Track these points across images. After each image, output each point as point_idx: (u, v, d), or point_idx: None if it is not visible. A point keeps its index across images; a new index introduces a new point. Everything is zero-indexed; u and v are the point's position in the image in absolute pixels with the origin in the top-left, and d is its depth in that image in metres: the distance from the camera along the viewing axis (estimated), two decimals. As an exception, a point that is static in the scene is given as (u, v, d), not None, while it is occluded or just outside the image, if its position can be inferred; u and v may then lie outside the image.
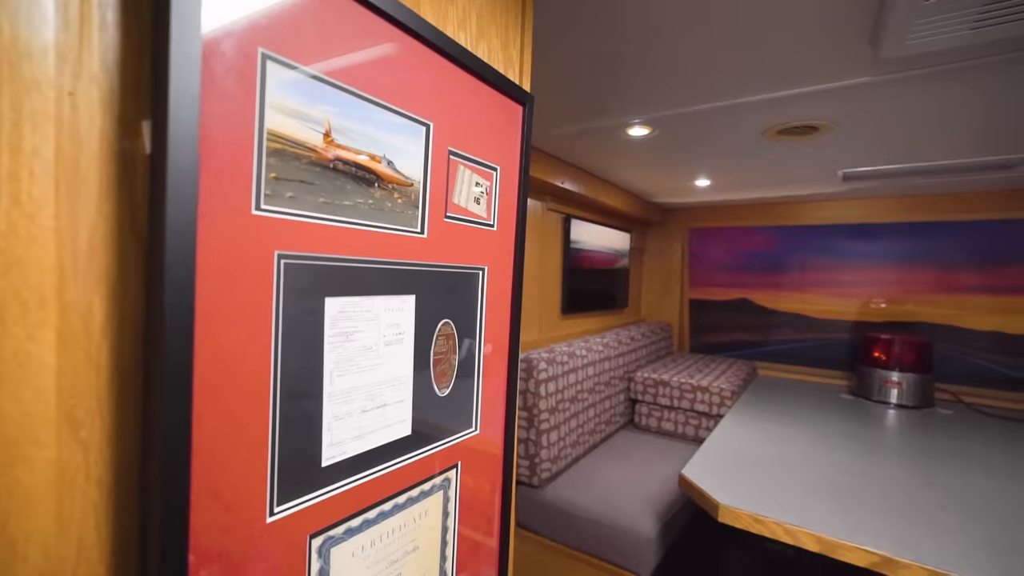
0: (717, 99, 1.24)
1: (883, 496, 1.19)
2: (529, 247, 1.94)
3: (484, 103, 0.62)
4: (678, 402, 2.15)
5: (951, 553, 0.95)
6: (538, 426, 1.66)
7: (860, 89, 1.14)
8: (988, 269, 2.21)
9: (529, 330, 1.95)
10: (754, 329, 2.75)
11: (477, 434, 0.65)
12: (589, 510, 1.58)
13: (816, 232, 2.58)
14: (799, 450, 1.47)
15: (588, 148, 1.71)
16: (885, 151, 1.61)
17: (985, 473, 1.35)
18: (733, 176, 2.02)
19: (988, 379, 2.21)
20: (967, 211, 2.22)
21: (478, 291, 0.63)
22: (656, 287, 3.05)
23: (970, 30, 0.84)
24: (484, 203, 0.63)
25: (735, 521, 1.12)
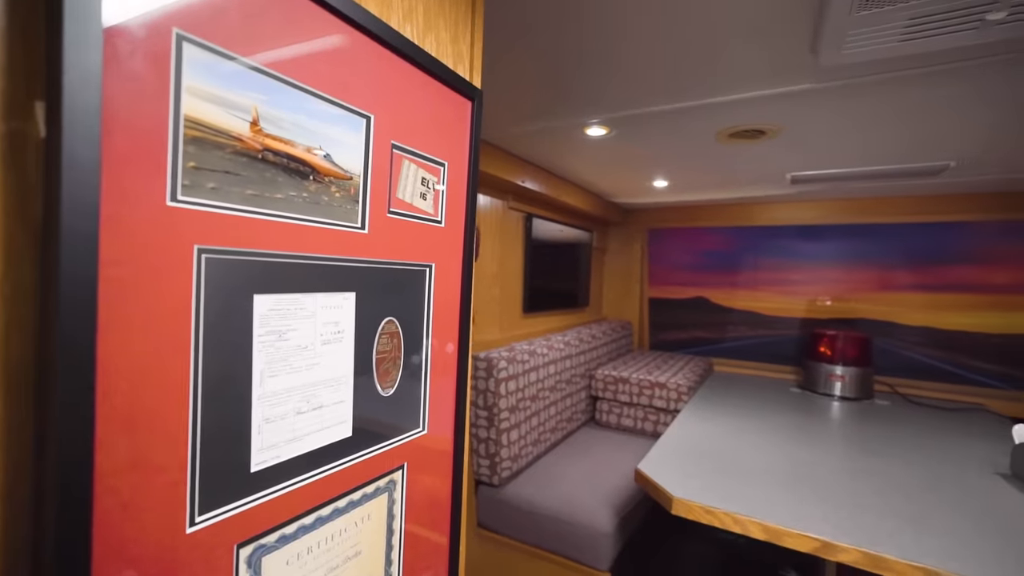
0: (671, 101, 1.26)
1: (825, 484, 1.25)
2: (490, 246, 1.94)
3: (430, 97, 0.61)
4: (637, 398, 2.20)
5: (882, 534, 1.01)
6: (498, 425, 1.66)
7: (804, 95, 1.19)
8: (920, 268, 2.37)
9: (490, 329, 1.95)
10: (711, 327, 2.84)
11: (425, 434, 0.64)
12: (549, 507, 1.59)
13: (768, 233, 2.69)
14: (750, 442, 1.53)
15: (548, 147, 1.72)
16: (829, 155, 1.69)
17: (916, 458, 1.43)
18: (689, 177, 2.08)
19: (920, 371, 2.36)
20: (903, 214, 2.36)
21: (425, 289, 0.62)
22: (617, 286, 3.10)
23: (897, 42, 0.89)
24: (431, 199, 0.62)
25: (688, 513, 1.15)
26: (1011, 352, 2.22)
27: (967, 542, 0.99)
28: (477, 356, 1.69)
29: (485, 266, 1.91)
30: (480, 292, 1.89)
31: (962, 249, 2.29)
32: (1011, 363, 2.22)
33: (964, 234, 2.28)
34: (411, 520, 0.62)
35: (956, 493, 1.21)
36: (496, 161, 1.73)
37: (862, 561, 0.97)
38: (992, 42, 0.89)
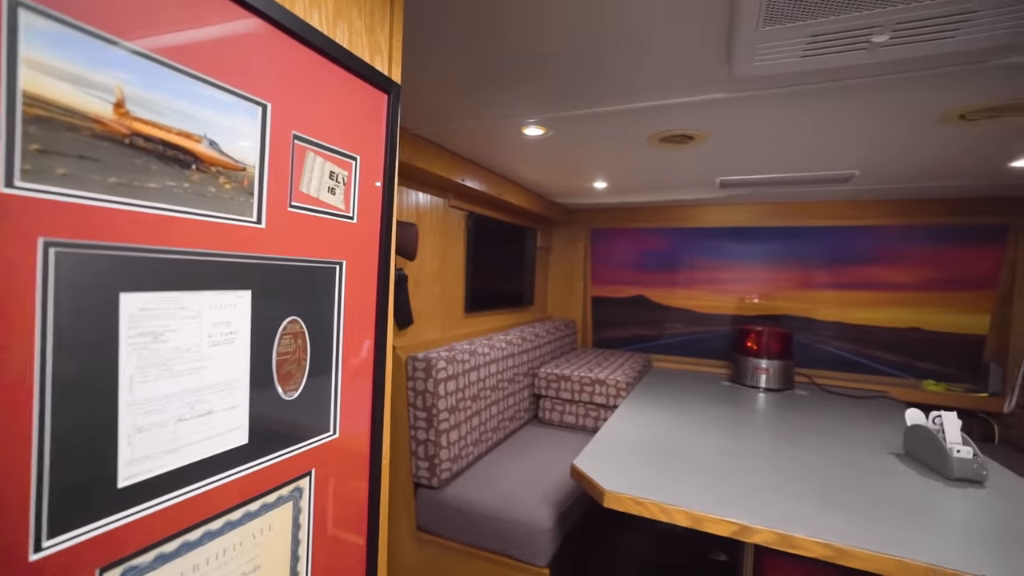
0: (601, 104, 1.29)
1: (748, 470, 1.32)
2: (430, 244, 1.91)
3: (339, 88, 0.59)
4: (578, 395, 2.24)
5: (794, 514, 1.08)
6: (437, 426, 1.64)
7: (724, 103, 1.25)
8: (834, 268, 2.56)
9: (430, 329, 1.92)
10: (650, 324, 2.95)
11: (336, 438, 0.61)
12: (489, 507, 1.59)
13: (702, 234, 2.82)
14: (682, 435, 1.59)
15: (489, 146, 1.72)
16: (752, 161, 1.80)
17: (826, 443, 1.55)
18: (627, 179, 2.14)
19: (834, 362, 2.56)
20: (820, 218, 2.55)
21: (335, 287, 0.60)
22: (561, 285, 3.15)
23: (799, 57, 0.95)
24: (341, 194, 0.60)
25: (618, 505, 1.18)
26: (909, 344, 2.45)
27: (865, 515, 1.08)
28: (415, 357, 1.66)
29: (425, 265, 1.88)
30: (420, 291, 1.85)
31: (869, 251, 2.50)
32: (909, 354, 2.45)
33: (871, 237, 2.49)
34: (321, 529, 0.59)
35: (858, 473, 1.32)
36: (435, 159, 1.70)
37: (775, 541, 1.03)
38: (880, 62, 0.97)
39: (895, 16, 0.82)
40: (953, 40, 0.86)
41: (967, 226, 2.33)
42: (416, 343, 1.78)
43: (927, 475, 1.34)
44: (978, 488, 1.26)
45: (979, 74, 1.04)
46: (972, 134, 1.41)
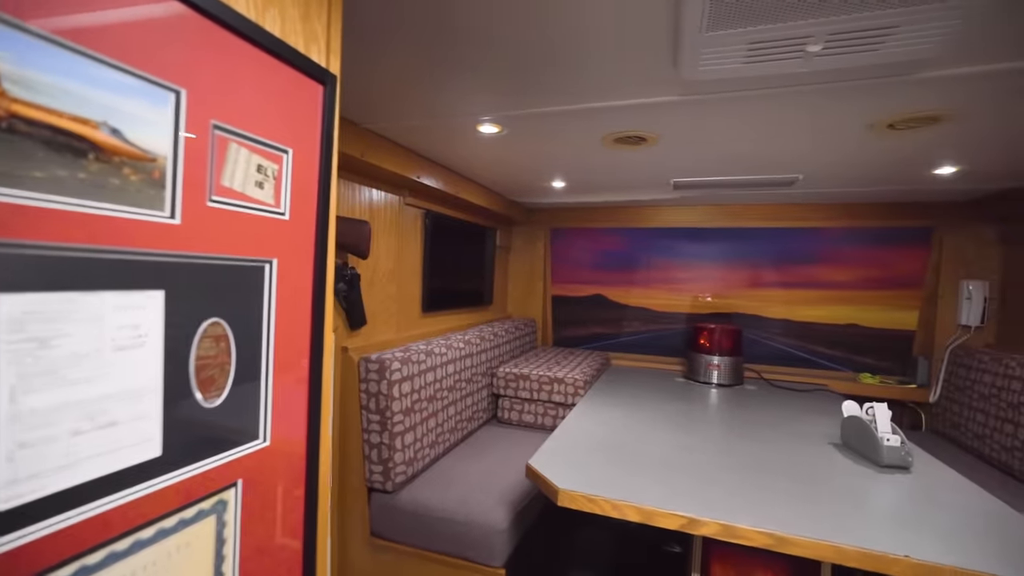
0: (556, 103, 1.30)
1: (697, 464, 1.36)
2: (385, 243, 1.86)
3: (269, 78, 0.55)
4: (537, 394, 2.25)
5: (739, 505, 1.12)
6: (391, 429, 1.60)
7: (673, 106, 1.28)
8: (781, 268, 2.68)
9: (385, 330, 1.87)
10: (608, 323, 2.99)
11: (267, 445, 0.58)
12: (445, 509, 1.57)
13: (659, 234, 2.89)
14: (637, 431, 1.62)
15: (444, 143, 1.69)
16: (703, 164, 1.85)
17: (771, 436, 1.61)
18: (584, 179, 2.17)
19: (780, 358, 2.68)
20: (769, 219, 2.66)
21: (264, 287, 0.57)
22: (521, 284, 3.15)
23: (742, 63, 0.98)
24: (271, 188, 0.57)
25: (572, 503, 1.19)
26: (848, 339, 2.60)
27: (805, 503, 1.13)
28: (369, 358, 1.61)
29: (379, 264, 1.84)
30: (374, 291, 1.81)
31: (813, 251, 2.63)
32: (848, 349, 2.60)
33: (814, 239, 2.62)
34: (250, 543, 0.56)
35: (799, 463, 1.38)
36: (389, 155, 1.66)
37: (720, 532, 1.06)
38: (815, 71, 1.01)
39: (827, 27, 0.85)
40: (878, 53, 0.91)
41: (898, 229, 2.48)
42: (370, 344, 1.74)
43: (861, 463, 1.41)
44: (905, 473, 1.35)
45: (903, 86, 1.10)
46: (899, 143, 1.50)
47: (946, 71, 1.03)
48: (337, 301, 1.62)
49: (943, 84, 1.09)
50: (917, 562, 0.93)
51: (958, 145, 1.51)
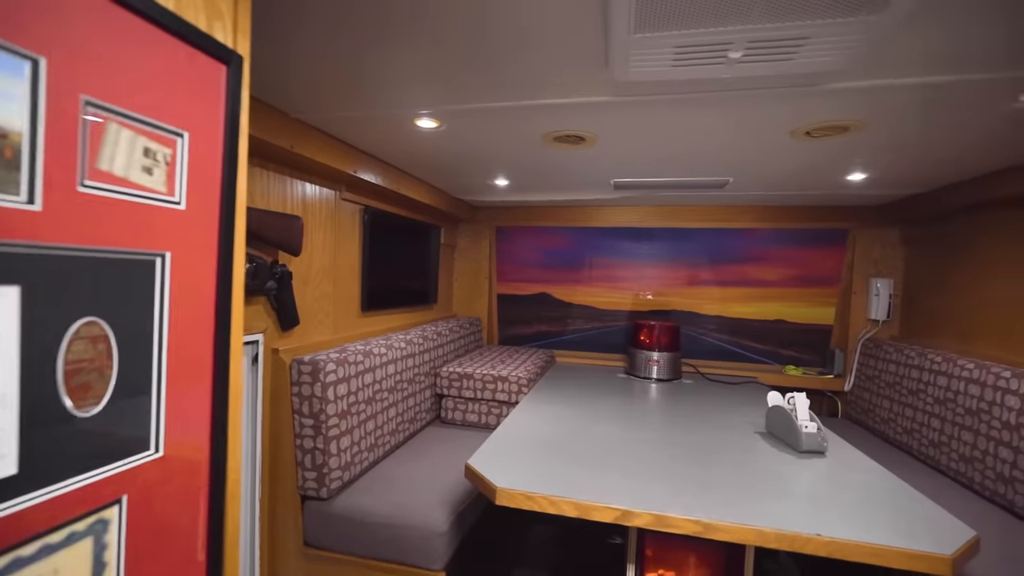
0: (494, 99, 1.28)
1: (634, 457, 1.39)
2: (320, 239, 1.78)
3: (158, 53, 0.50)
4: (481, 393, 2.23)
5: (671, 496, 1.15)
6: (326, 433, 1.53)
7: (609, 107, 1.30)
8: (716, 267, 2.82)
9: (320, 330, 1.79)
10: (553, 321, 3.03)
11: (159, 456, 0.53)
12: (383, 514, 1.52)
13: (602, 234, 2.95)
14: (578, 427, 1.64)
15: (382, 137, 1.64)
16: (641, 165, 1.90)
17: (705, 427, 1.69)
18: (526, 177, 2.17)
19: (715, 353, 2.82)
20: (704, 220, 2.78)
21: (154, 283, 0.52)
22: (467, 282, 3.13)
23: (670, 67, 1.01)
24: (162, 174, 0.51)
25: (510, 502, 1.18)
26: (775, 334, 2.77)
27: (731, 491, 1.18)
28: (301, 360, 1.54)
29: (314, 261, 1.75)
30: (308, 290, 1.73)
31: (744, 251, 2.78)
32: (775, 343, 2.77)
33: (746, 239, 2.77)
34: (138, 565, 0.51)
35: (728, 452, 1.45)
36: (322, 147, 1.59)
37: (653, 522, 1.09)
38: (737, 77, 1.06)
39: (746, 35, 0.89)
40: (792, 62, 0.97)
41: (818, 231, 2.67)
42: (303, 345, 1.66)
43: (783, 449, 1.50)
44: (821, 458, 1.44)
45: (816, 96, 1.18)
46: (816, 150, 1.61)
47: (853, 83, 1.11)
48: (268, 300, 1.53)
49: (851, 96, 1.17)
50: (828, 539, 0.99)
51: (866, 154, 1.64)
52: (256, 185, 1.48)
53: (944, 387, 1.89)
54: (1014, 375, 1.60)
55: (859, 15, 0.81)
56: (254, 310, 1.48)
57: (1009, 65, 0.99)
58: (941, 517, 1.09)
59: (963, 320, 2.09)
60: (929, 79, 1.06)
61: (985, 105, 1.19)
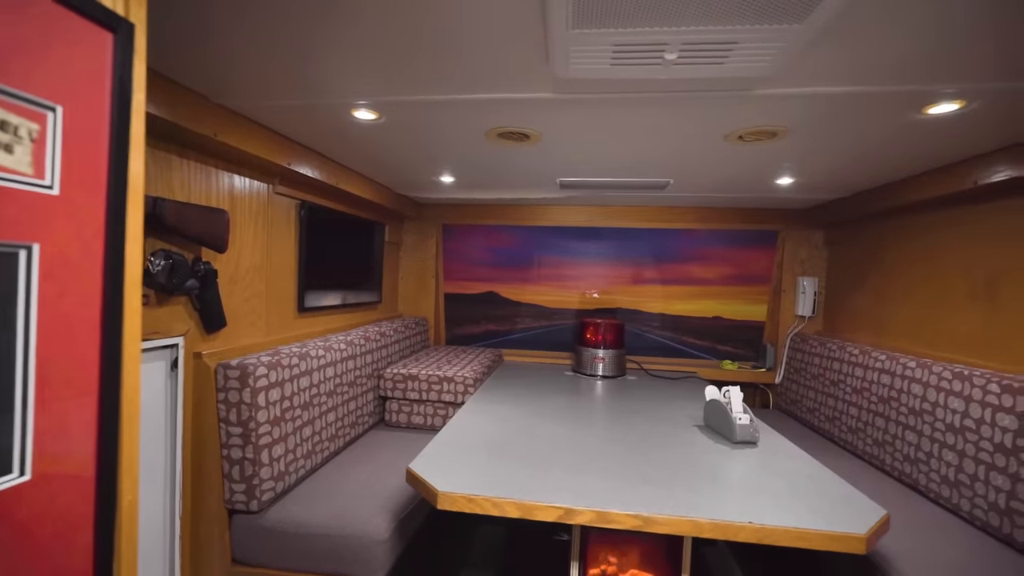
0: (435, 92, 1.24)
1: (578, 454, 1.39)
2: (250, 235, 1.67)
3: (18, 14, 0.43)
4: (426, 395, 2.18)
5: (611, 491, 1.16)
6: (256, 442, 1.43)
7: (551, 104, 1.29)
8: (659, 266, 2.91)
9: (251, 332, 1.68)
10: (501, 320, 3.02)
11: (25, 480, 0.46)
12: (321, 524, 1.44)
13: (549, 232, 2.97)
14: (524, 425, 1.63)
15: (319, 128, 1.56)
16: (586, 164, 1.92)
17: (648, 422, 1.72)
18: (471, 174, 2.14)
19: (657, 349, 2.91)
20: (647, 220, 2.86)
21: (17, 278, 0.44)
22: (413, 281, 3.06)
23: (609, 65, 1.01)
24: (25, 153, 0.44)
25: (452, 505, 1.15)
26: (713, 331, 2.89)
27: (669, 483, 1.21)
28: (228, 364, 1.43)
29: (243, 258, 1.64)
30: (237, 289, 1.61)
31: (685, 251, 2.88)
32: (713, 339, 2.89)
33: (686, 239, 2.88)
34: (-2, 606, 0.44)
35: (667, 446, 1.48)
36: (251, 137, 1.49)
37: (595, 519, 1.09)
38: (673, 79, 1.08)
39: (680, 37, 0.91)
40: (723, 66, 1.00)
41: (752, 232, 2.81)
42: (232, 348, 1.55)
43: (719, 441, 1.56)
44: (753, 448, 1.51)
45: (747, 101, 1.23)
46: (749, 154, 1.68)
47: (779, 90, 1.16)
48: (190, 300, 1.41)
49: (778, 102, 1.23)
50: (758, 527, 1.03)
51: (792, 159, 1.74)
52: (174, 175, 1.36)
53: (860, 378, 2.04)
54: (919, 365, 1.74)
55: (782, 23, 0.84)
56: (173, 311, 1.36)
57: (913, 79, 1.07)
58: (857, 499, 1.16)
59: (877, 316, 2.27)
60: (844, 89, 1.13)
61: (892, 116, 1.29)
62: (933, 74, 1.05)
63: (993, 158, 1.54)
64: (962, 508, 1.51)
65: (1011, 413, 1.37)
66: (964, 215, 1.80)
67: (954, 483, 1.54)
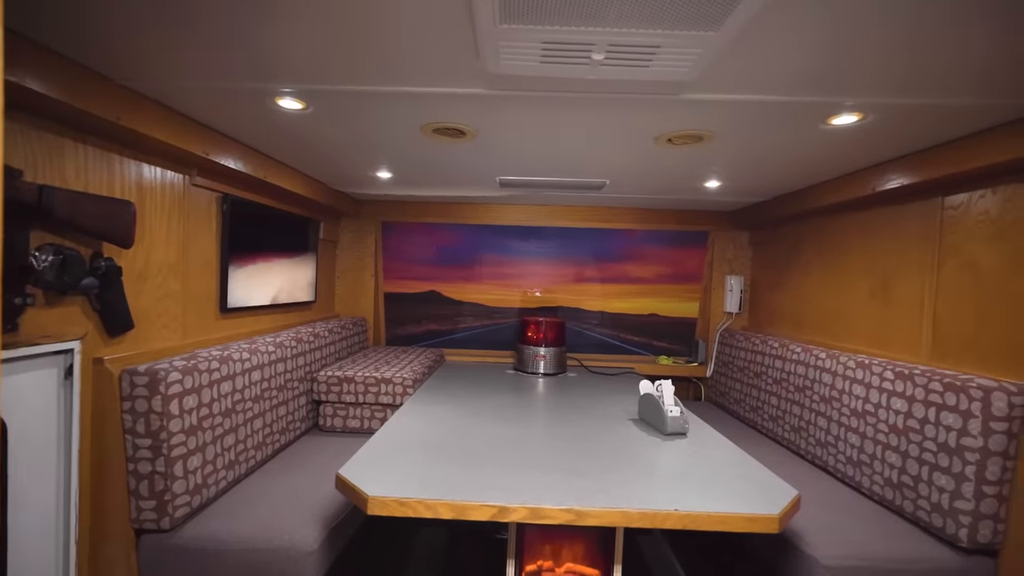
0: (365, 82, 1.20)
1: (515, 451, 1.39)
2: (163, 230, 1.54)
3: None
4: (363, 397, 2.11)
5: (545, 487, 1.17)
6: (168, 454, 1.32)
7: (484, 100, 1.28)
8: (599, 265, 2.98)
9: (165, 335, 1.55)
10: (443, 319, 2.98)
11: None
12: (242, 538, 1.35)
13: (492, 231, 2.97)
14: (460, 425, 1.61)
15: (239, 116, 1.46)
16: (524, 163, 1.93)
17: (585, 417, 1.76)
18: (409, 170, 2.09)
19: (597, 346, 2.99)
20: (587, 220, 2.92)
21: None
22: (350, 280, 2.95)
23: (539, 63, 1.02)
24: None
25: (383, 510, 1.11)
26: (649, 327, 3.00)
27: (602, 477, 1.23)
28: (135, 370, 1.31)
29: (155, 255, 1.51)
30: (147, 288, 1.48)
31: (623, 250, 2.97)
32: (650, 335, 3.00)
33: (625, 239, 2.97)
34: None
35: (603, 440, 1.51)
36: (161, 123, 1.37)
37: (529, 516, 1.09)
38: (602, 80, 1.11)
39: (606, 38, 0.92)
40: (648, 70, 1.03)
41: (685, 232, 2.95)
42: (141, 353, 1.42)
43: (651, 433, 1.62)
44: (683, 439, 1.58)
45: (674, 105, 1.27)
46: (678, 156, 1.76)
47: (703, 95, 1.21)
48: (88, 301, 1.28)
49: (702, 107, 1.29)
50: (683, 513, 1.08)
51: (718, 163, 1.84)
52: (68, 162, 1.22)
53: (780, 369, 2.19)
54: (828, 356, 1.89)
55: (699, 30, 0.88)
56: (66, 312, 1.23)
57: (817, 92, 1.16)
58: (774, 482, 1.24)
59: (795, 311, 2.45)
60: (759, 97, 1.21)
61: (801, 125, 1.39)
62: (834, 88, 1.14)
63: (888, 167, 1.71)
64: (863, 485, 1.65)
65: (902, 397, 1.52)
66: (866, 219, 1.97)
67: (857, 463, 1.69)
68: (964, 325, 1.52)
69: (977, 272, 1.49)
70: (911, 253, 1.74)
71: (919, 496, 1.44)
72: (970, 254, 1.52)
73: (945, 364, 1.56)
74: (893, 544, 1.37)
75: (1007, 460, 1.29)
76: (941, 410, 1.39)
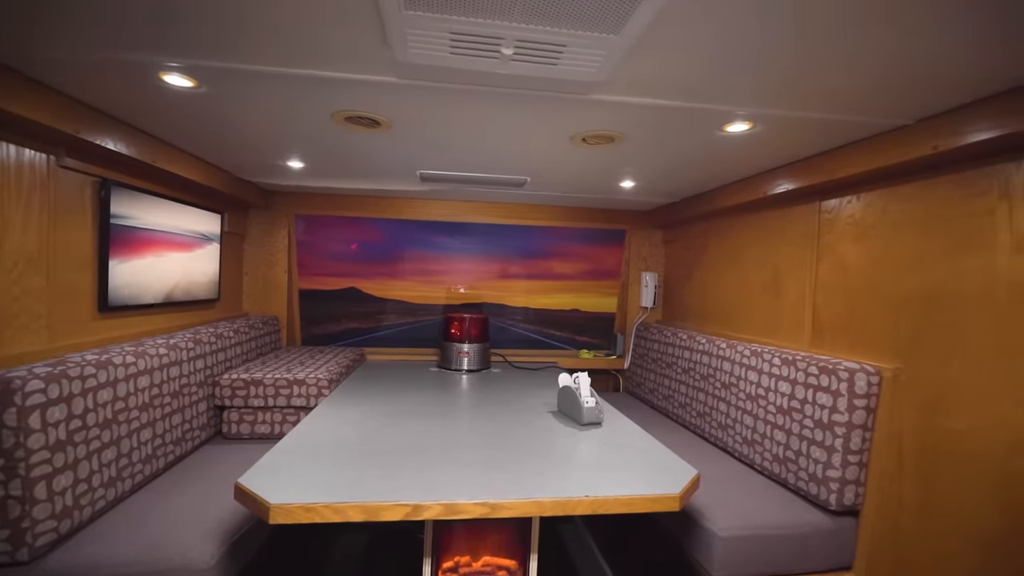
0: (262, 62, 1.11)
1: (432, 449, 1.37)
2: (19, 218, 1.34)
3: None
4: (273, 400, 1.98)
5: (462, 482, 1.16)
6: (26, 475, 1.15)
7: (396, 89, 1.24)
8: (523, 261, 3.02)
9: (25, 339, 1.35)
10: (363, 317, 2.87)
11: None
12: (124, 563, 1.21)
13: (415, 227, 2.90)
14: (376, 426, 1.56)
15: (119, 92, 1.30)
16: (444, 157, 1.90)
17: (505, 411, 1.77)
18: (322, 160, 1.99)
19: (521, 341, 3.03)
20: (511, 217, 2.95)
21: None
22: (260, 276, 2.75)
23: (449, 53, 1.01)
24: None
25: (288, 518, 1.05)
26: (571, 322, 3.09)
27: (517, 469, 1.24)
28: (-19, 379, 1.12)
29: (9, 246, 1.30)
30: (0, 285, 1.28)
31: (547, 247, 3.03)
32: (572, 330, 3.09)
33: (548, 236, 3.03)
34: None
35: (522, 433, 1.53)
36: (18, 96, 1.19)
37: (444, 512, 1.08)
38: (513, 75, 1.11)
39: (514, 33, 0.93)
40: (557, 67, 1.05)
41: (605, 230, 3.07)
42: (-7, 360, 1.22)
43: (569, 424, 1.66)
44: (598, 428, 1.64)
45: (587, 105, 1.31)
46: (593, 156, 1.82)
47: (611, 97, 1.26)
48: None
49: (612, 109, 1.34)
50: (592, 499, 1.11)
51: (630, 164, 1.93)
52: None
53: (688, 359, 2.34)
54: (728, 345, 2.06)
55: (602, 32, 0.91)
56: None
57: (711, 99, 1.25)
58: (677, 464, 1.32)
59: (702, 305, 2.63)
60: (662, 102, 1.28)
61: (701, 131, 1.49)
62: (724, 97, 1.23)
63: (777, 173, 1.88)
64: (755, 462, 1.82)
65: (787, 381, 1.69)
66: (761, 220, 2.16)
67: (751, 442, 1.85)
68: (836, 315, 1.72)
69: (846, 268, 1.69)
70: (796, 251, 1.93)
71: (799, 468, 1.60)
72: (841, 252, 1.71)
73: (822, 350, 1.75)
74: (779, 512, 1.52)
75: (866, 432, 1.48)
76: (817, 391, 1.56)
